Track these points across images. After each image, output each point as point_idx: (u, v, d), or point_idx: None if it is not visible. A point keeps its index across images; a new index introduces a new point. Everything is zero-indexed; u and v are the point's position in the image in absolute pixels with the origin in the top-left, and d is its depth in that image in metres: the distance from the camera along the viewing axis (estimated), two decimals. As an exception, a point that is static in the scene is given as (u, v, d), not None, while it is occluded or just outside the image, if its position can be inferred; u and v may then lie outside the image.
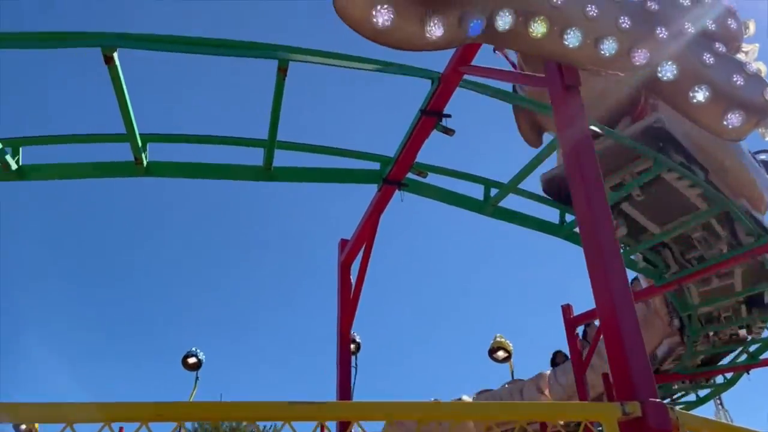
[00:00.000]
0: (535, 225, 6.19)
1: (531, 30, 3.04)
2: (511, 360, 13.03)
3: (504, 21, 2.98)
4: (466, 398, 10.89)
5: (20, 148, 4.57)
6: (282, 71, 4.17)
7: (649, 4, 3.36)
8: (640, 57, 3.21)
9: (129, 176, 4.63)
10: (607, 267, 2.98)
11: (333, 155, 5.28)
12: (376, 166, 5.38)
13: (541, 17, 3.05)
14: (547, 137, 6.80)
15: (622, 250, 6.49)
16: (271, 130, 4.61)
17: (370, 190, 5.49)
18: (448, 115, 4.97)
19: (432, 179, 5.61)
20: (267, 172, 4.94)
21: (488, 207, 5.81)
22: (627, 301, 2.91)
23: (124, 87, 4.09)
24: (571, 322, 7.34)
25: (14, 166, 4.51)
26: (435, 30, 2.75)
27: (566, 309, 7.44)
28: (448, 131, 4.55)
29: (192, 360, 13.64)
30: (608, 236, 3.06)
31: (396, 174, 5.13)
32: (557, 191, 6.11)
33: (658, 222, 6.60)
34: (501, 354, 12.94)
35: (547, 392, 10.54)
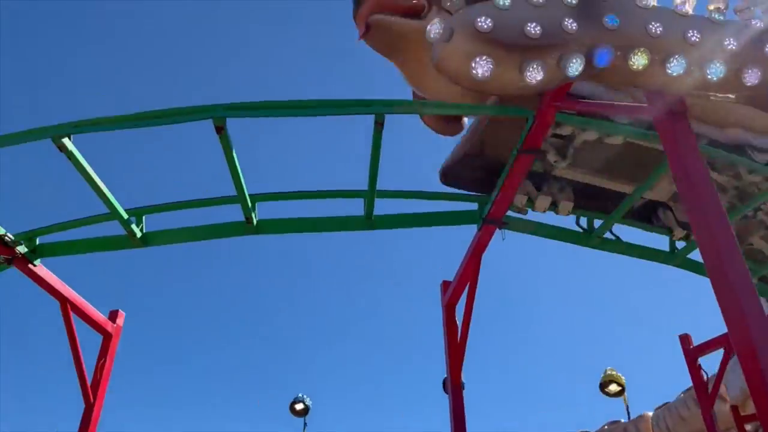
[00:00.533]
0: (645, 254, 5.94)
1: (631, 63, 3.01)
2: (625, 394, 12.40)
3: (602, 59, 2.97)
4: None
5: (143, 217, 4.95)
6: (379, 125, 4.31)
7: (753, 21, 3.25)
8: (752, 77, 3.09)
9: (241, 235, 4.89)
10: (739, 297, 2.83)
11: (431, 199, 5.35)
12: (474, 206, 5.40)
13: (641, 49, 3.02)
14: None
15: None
16: (371, 181, 4.75)
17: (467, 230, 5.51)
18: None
19: (531, 215, 5.55)
20: (368, 222, 5.07)
21: (593, 239, 5.66)
22: (764, 331, 2.74)
23: (234, 153, 4.37)
24: (691, 353, 6.92)
25: (139, 234, 4.88)
26: (535, 74, 2.79)
27: (684, 339, 7.03)
28: None
29: (299, 406, 13.92)
30: (737, 265, 2.91)
31: (495, 213, 5.12)
32: (456, 180, 5.59)
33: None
34: (613, 388, 12.36)
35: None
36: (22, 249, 4.74)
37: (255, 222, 4.84)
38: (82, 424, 5.05)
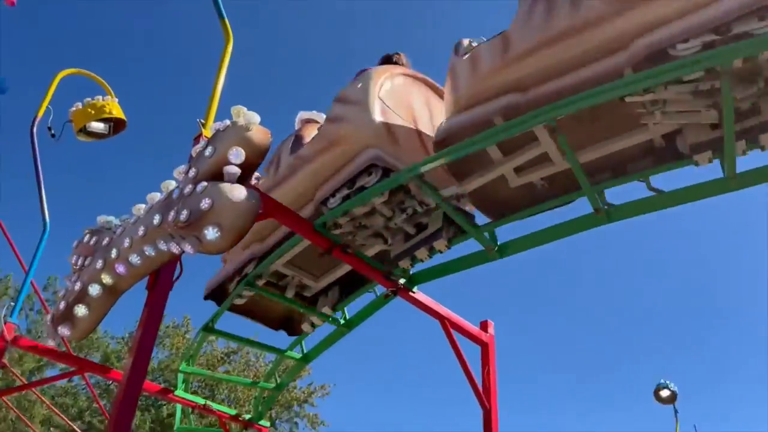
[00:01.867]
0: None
1: None
2: None
3: None
4: None
5: (494, 230, 5.21)
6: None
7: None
8: None
9: (594, 227, 4.81)
10: None
11: None
12: None
13: None
14: None
15: None
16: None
17: None
18: None
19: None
20: (731, 181, 4.54)
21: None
22: None
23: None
24: None
25: (495, 247, 5.16)
26: None
27: None
28: None
29: (665, 393, 13.03)
30: None
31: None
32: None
33: None
34: None
35: None
36: (402, 280, 5.41)
37: (605, 210, 4.71)
38: (484, 427, 5.49)
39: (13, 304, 5.86)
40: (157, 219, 3.30)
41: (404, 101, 5.07)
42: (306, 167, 4.99)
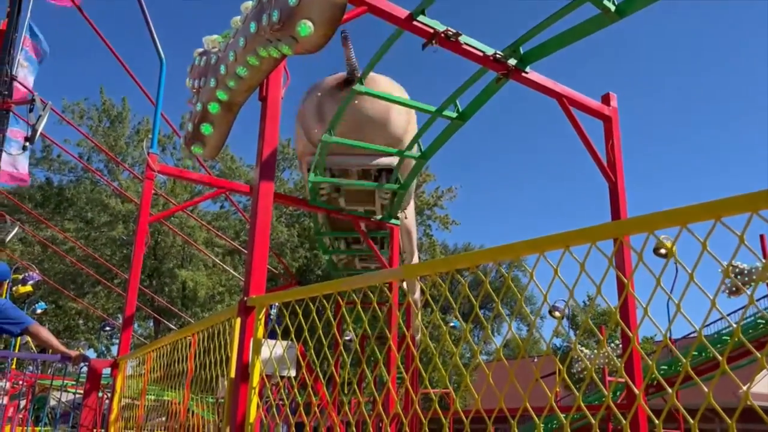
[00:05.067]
0: None
1: None
2: None
3: None
4: None
5: (611, -10, 4.69)
6: None
7: None
8: None
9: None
10: None
11: None
12: None
13: None
14: None
15: None
16: None
17: None
18: None
19: None
20: None
21: None
22: None
23: None
24: None
25: (612, 8, 4.68)
26: None
27: None
28: None
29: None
30: None
31: None
32: None
33: None
34: None
35: None
36: (512, 62, 5.15)
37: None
38: (611, 201, 5.45)
39: (151, 137, 6.37)
40: (253, 27, 3.29)
41: None
42: None
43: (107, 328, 21.31)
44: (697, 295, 1.48)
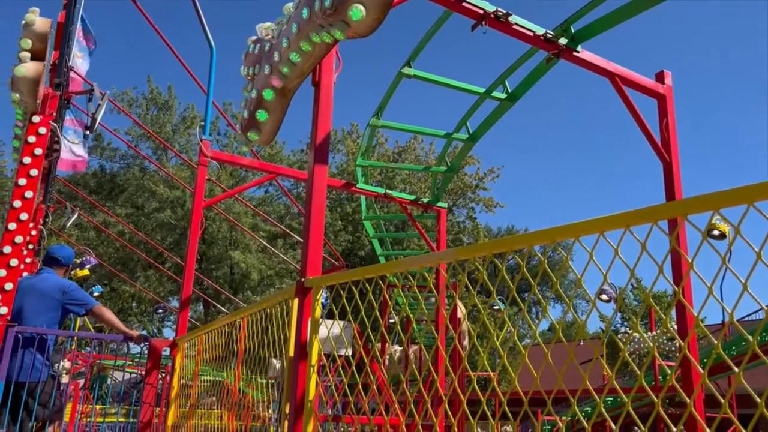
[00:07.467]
0: None
1: None
2: None
3: None
4: None
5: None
6: None
7: None
8: None
9: None
10: None
11: None
12: None
13: None
14: None
15: None
16: None
17: None
18: None
19: None
20: None
21: None
22: None
23: None
24: None
25: (668, -17, 4.55)
26: None
27: None
28: None
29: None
30: None
31: None
32: None
33: None
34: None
35: None
36: (563, 41, 5.06)
37: None
38: (666, 181, 5.33)
39: (202, 124, 6.52)
40: (305, 12, 3.33)
41: None
42: None
43: (159, 311, 21.97)
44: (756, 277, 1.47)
